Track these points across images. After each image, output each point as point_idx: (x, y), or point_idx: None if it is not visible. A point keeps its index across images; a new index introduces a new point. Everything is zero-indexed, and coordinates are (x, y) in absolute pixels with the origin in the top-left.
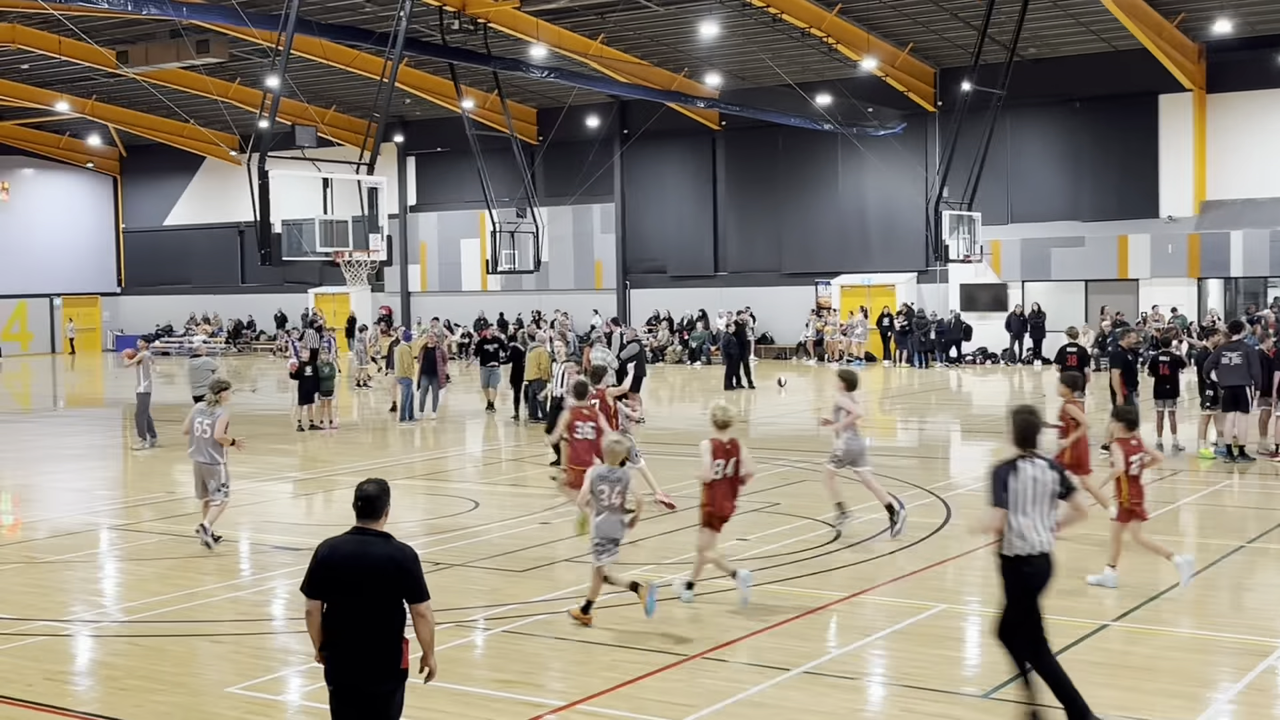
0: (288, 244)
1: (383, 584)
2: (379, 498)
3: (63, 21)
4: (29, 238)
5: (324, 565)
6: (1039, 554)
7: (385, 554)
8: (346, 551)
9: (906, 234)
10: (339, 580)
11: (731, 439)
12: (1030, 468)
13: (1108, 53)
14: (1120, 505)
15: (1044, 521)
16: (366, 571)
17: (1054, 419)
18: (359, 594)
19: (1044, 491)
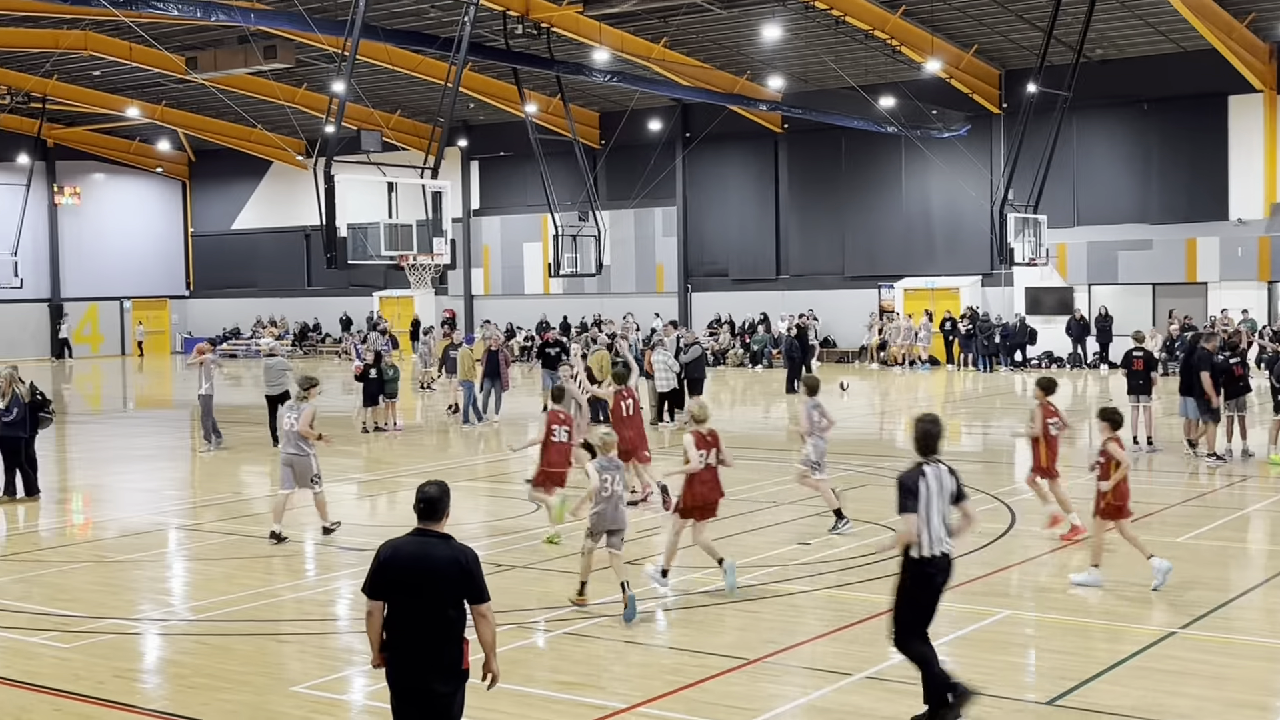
0: (353, 247)
1: (444, 585)
2: (440, 499)
3: (134, 29)
4: (100, 241)
5: (386, 567)
6: (940, 555)
7: (447, 555)
8: (408, 553)
9: (971, 237)
10: (401, 581)
11: (711, 430)
12: (933, 472)
13: (1176, 53)
14: (1107, 503)
15: (944, 524)
16: (428, 573)
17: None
18: (421, 595)
19: (946, 497)
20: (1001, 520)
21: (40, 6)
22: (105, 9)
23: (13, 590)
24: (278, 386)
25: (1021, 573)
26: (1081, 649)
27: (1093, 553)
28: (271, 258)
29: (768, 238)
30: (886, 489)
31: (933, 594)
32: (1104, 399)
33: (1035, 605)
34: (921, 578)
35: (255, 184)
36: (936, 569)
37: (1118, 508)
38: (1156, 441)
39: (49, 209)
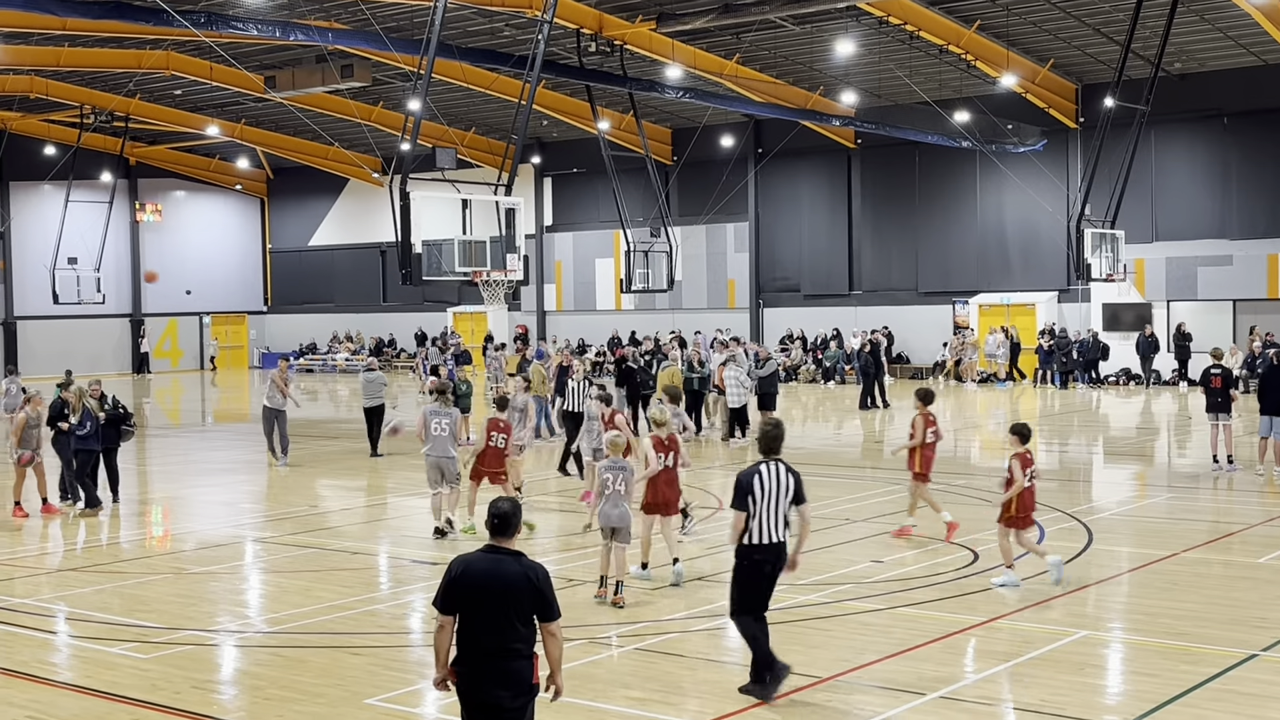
0: (428, 264)
1: (516, 601)
2: (512, 515)
3: (214, 49)
4: (180, 257)
5: (458, 582)
6: (768, 544)
7: (518, 572)
8: (480, 569)
9: (1047, 252)
10: (473, 597)
11: (670, 435)
12: (770, 470)
13: (1257, 67)
14: (1013, 515)
15: (778, 518)
16: (501, 589)
17: None
18: (493, 611)
19: (781, 492)
20: (1078, 539)
21: (123, 28)
22: (187, 29)
23: (93, 601)
24: (376, 399)
25: (1099, 592)
26: (1161, 670)
27: (1003, 555)
28: (348, 274)
29: (840, 253)
30: (960, 506)
31: (761, 578)
32: (1182, 417)
33: (1113, 626)
34: (751, 564)
35: (332, 201)
36: (762, 556)
37: (1021, 518)
38: (1237, 460)
39: (131, 226)
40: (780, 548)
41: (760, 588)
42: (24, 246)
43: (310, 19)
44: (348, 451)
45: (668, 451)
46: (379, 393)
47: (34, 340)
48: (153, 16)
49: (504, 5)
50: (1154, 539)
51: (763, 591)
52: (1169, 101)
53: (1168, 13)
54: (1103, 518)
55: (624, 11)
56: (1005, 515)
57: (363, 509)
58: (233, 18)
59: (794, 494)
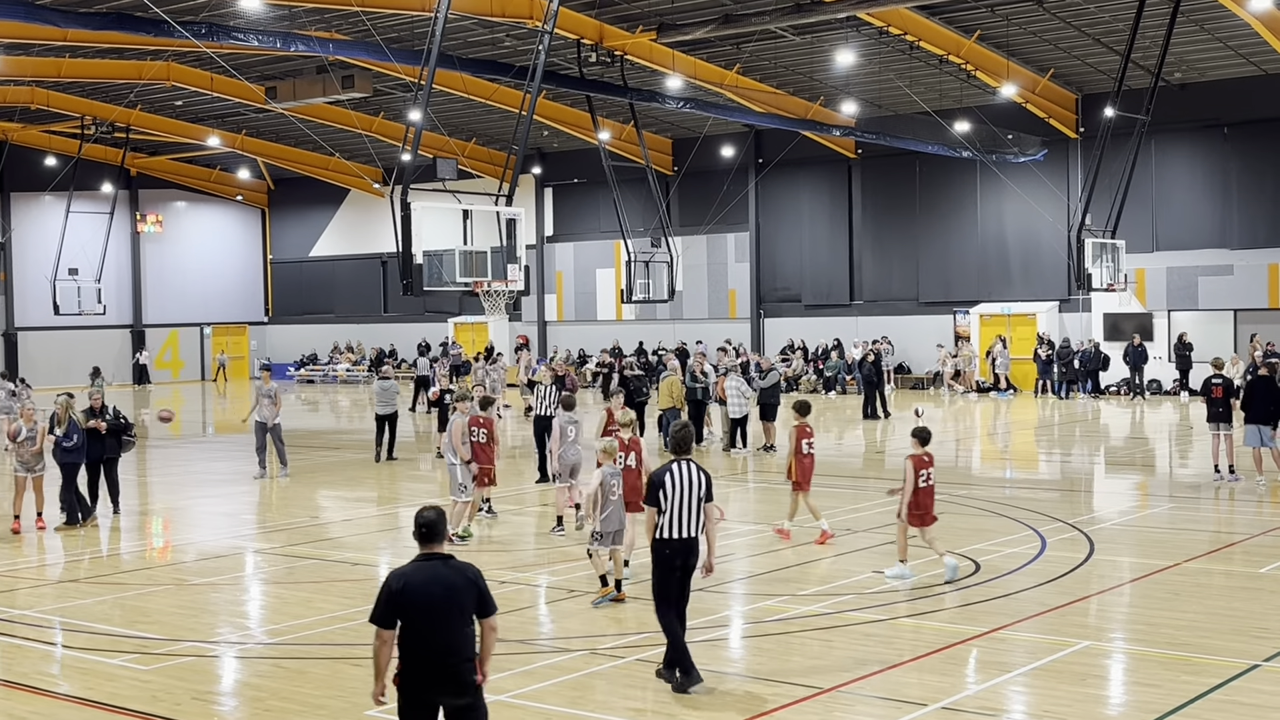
0: (429, 274)
1: (460, 604)
2: (438, 523)
3: (215, 59)
4: (181, 268)
5: (401, 595)
6: (679, 538)
7: (458, 574)
8: (423, 578)
9: (1048, 262)
10: (419, 606)
11: (633, 437)
12: (681, 469)
13: (1257, 76)
14: (908, 510)
15: (691, 513)
16: (444, 595)
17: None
18: (440, 616)
19: (693, 489)
20: (1080, 549)
21: (124, 39)
22: (188, 40)
23: (94, 612)
24: (389, 407)
25: (1101, 603)
26: (1163, 681)
27: (899, 550)
28: (349, 284)
29: (841, 263)
30: (962, 517)
31: (673, 571)
32: (1184, 427)
33: (1115, 636)
34: (662, 557)
35: (333, 212)
36: (673, 550)
37: (919, 515)
38: (1238, 470)
39: (131, 236)
40: (692, 543)
41: (672, 581)
42: (25, 257)
43: (311, 30)
44: (349, 462)
45: (629, 452)
46: (392, 400)
47: (34, 351)
48: (154, 27)
49: (504, 16)
50: (1156, 549)
51: (676, 585)
52: (1169, 111)
53: (1167, 23)
54: (1104, 528)
55: (624, 22)
56: (900, 511)
57: (363, 520)
58: (234, 29)
59: (705, 492)
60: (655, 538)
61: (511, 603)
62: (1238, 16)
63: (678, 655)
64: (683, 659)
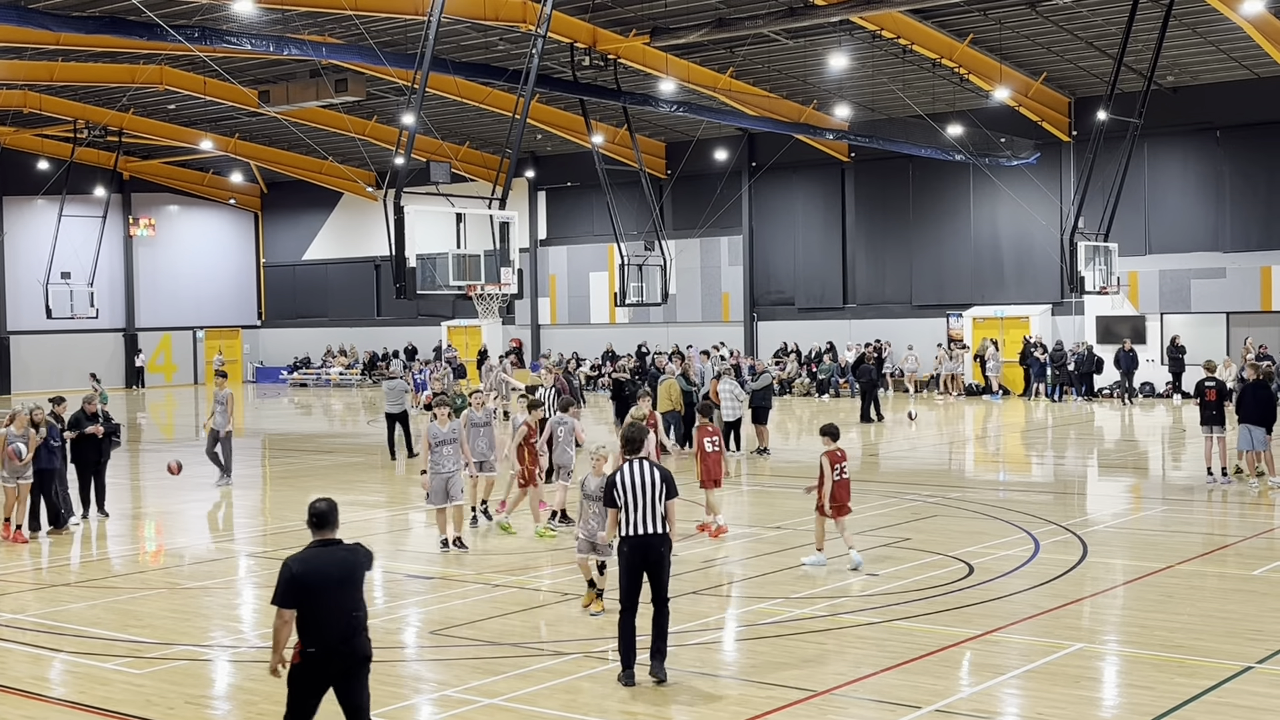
0: (422, 277)
1: (355, 583)
2: (330, 512)
3: (208, 63)
4: (174, 272)
5: (302, 578)
6: (638, 535)
7: (352, 556)
8: (321, 562)
9: (1041, 265)
10: (319, 587)
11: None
12: (635, 468)
13: (1249, 80)
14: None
15: (650, 511)
16: (341, 575)
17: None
18: (339, 595)
19: (647, 487)
20: (1074, 552)
21: (117, 42)
22: (181, 44)
23: (87, 616)
24: (398, 405)
25: (1094, 605)
26: (1156, 683)
27: (816, 538)
28: (342, 288)
29: (834, 266)
30: (955, 520)
31: (633, 568)
32: (1177, 429)
33: (1108, 638)
34: (622, 554)
35: (326, 215)
36: (631, 547)
37: (836, 507)
38: (1231, 473)
39: (124, 240)
40: (646, 539)
41: (634, 578)
42: (17, 261)
43: (304, 34)
44: (342, 465)
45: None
46: (401, 400)
47: (27, 355)
48: (146, 31)
49: (498, 20)
50: (1149, 551)
51: (638, 580)
52: (1162, 115)
53: (1160, 26)
54: (1097, 530)
55: (618, 26)
56: (818, 505)
57: (356, 524)
58: (226, 32)
59: (665, 489)
60: (620, 535)
61: (505, 606)
62: (1230, 20)
63: (625, 649)
64: (627, 653)
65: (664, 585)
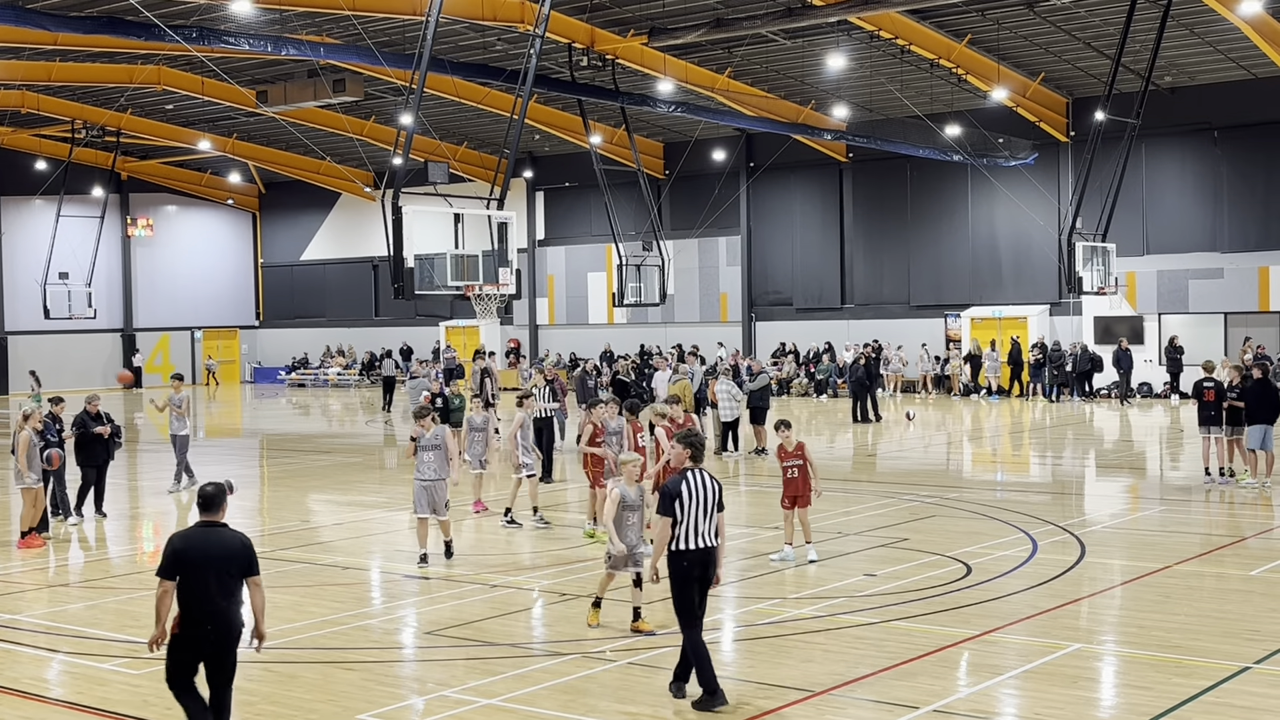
0: (420, 278)
1: (231, 562)
2: (217, 495)
3: (206, 63)
4: (172, 272)
5: (182, 553)
6: (699, 548)
7: (232, 538)
8: (201, 540)
9: (1039, 265)
10: (197, 563)
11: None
12: (695, 478)
13: (1247, 80)
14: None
15: (708, 523)
16: (220, 554)
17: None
18: (215, 572)
19: (709, 498)
20: (1072, 552)
21: (114, 42)
22: (178, 44)
23: (84, 616)
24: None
25: (1092, 605)
26: (1154, 683)
27: (785, 532)
28: (340, 288)
29: (832, 267)
30: (953, 520)
31: (690, 583)
32: (1175, 429)
33: (1106, 639)
34: (679, 570)
35: (324, 215)
36: (691, 561)
37: (792, 499)
38: (1217, 472)
39: (122, 240)
40: (709, 553)
41: (691, 593)
42: (15, 261)
43: (302, 34)
44: (340, 466)
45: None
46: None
47: (25, 355)
48: (144, 31)
49: (496, 20)
50: (1147, 552)
51: (694, 597)
52: (1159, 115)
53: (1158, 27)
54: (1095, 530)
55: (616, 26)
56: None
57: (354, 524)
58: (224, 32)
59: (718, 501)
60: (672, 548)
61: (503, 606)
62: (1228, 21)
63: (702, 670)
64: (709, 674)
65: (704, 603)
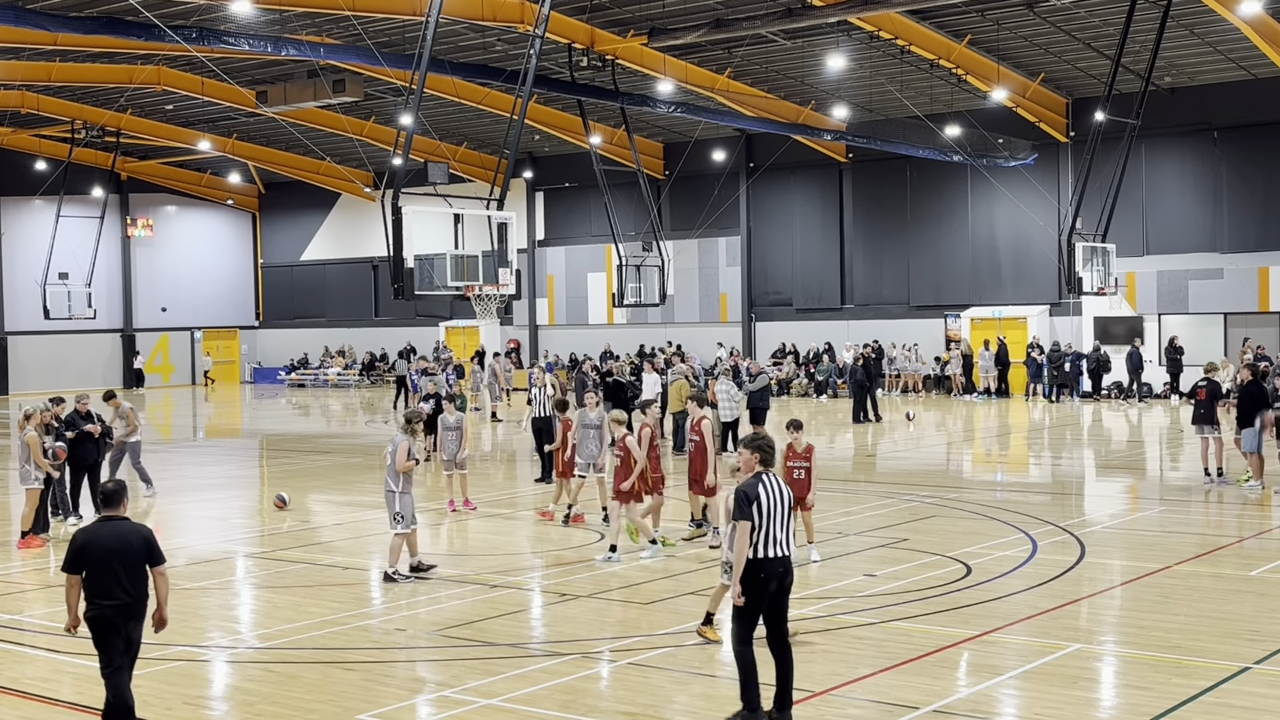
0: (420, 278)
1: (135, 554)
2: (118, 492)
3: (206, 63)
4: (172, 272)
5: (87, 548)
6: (778, 556)
7: (134, 532)
8: (105, 534)
9: (1038, 266)
10: (102, 557)
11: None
12: (771, 481)
13: (1247, 80)
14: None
15: (786, 529)
16: (121, 547)
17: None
18: (119, 564)
19: (784, 503)
20: (1071, 552)
21: (114, 43)
22: (178, 45)
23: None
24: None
25: (1092, 606)
26: (1154, 684)
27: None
28: (340, 288)
29: (832, 267)
30: (953, 520)
31: (763, 595)
32: (1174, 429)
33: (1106, 639)
34: (753, 579)
35: (324, 216)
36: (768, 572)
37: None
38: (1227, 474)
39: (122, 240)
40: (788, 561)
41: (758, 606)
42: (14, 262)
43: (302, 34)
44: (340, 466)
45: None
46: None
47: (25, 356)
48: (144, 31)
49: (496, 20)
50: (1146, 552)
51: (760, 609)
52: (1159, 115)
53: (1158, 27)
54: (1095, 531)
55: (616, 26)
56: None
57: (354, 524)
58: (224, 33)
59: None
60: (749, 556)
61: (503, 606)
62: (1227, 21)
63: (746, 687)
64: (750, 693)
65: (784, 614)
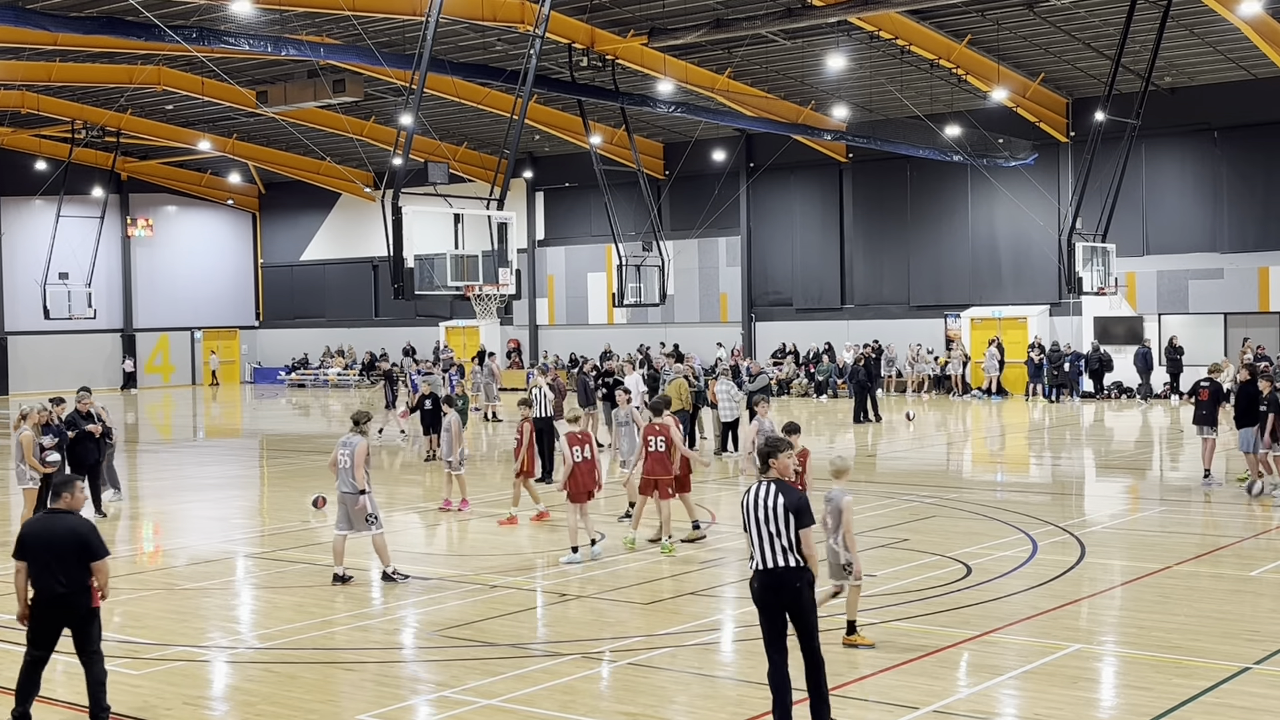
0: (420, 278)
1: (71, 547)
2: (61, 485)
3: (206, 63)
4: (172, 272)
5: (30, 536)
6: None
7: (75, 525)
8: (41, 527)
9: (1038, 266)
10: (39, 548)
11: (583, 431)
12: (758, 490)
13: (1247, 81)
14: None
15: (772, 542)
16: (63, 538)
17: None
18: (56, 555)
19: (771, 513)
20: (1071, 553)
21: (114, 43)
22: (178, 45)
23: None
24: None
25: (1092, 606)
26: (1154, 684)
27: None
28: (340, 288)
29: (832, 267)
30: (953, 520)
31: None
32: (1174, 430)
33: (1106, 639)
34: (753, 590)
35: (324, 216)
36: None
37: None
38: (1216, 475)
39: (122, 241)
40: (777, 574)
41: (761, 618)
42: (15, 262)
43: (302, 34)
44: None
45: (582, 445)
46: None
47: (25, 356)
48: (144, 31)
49: (496, 20)
50: (1146, 552)
51: (763, 622)
52: (1159, 115)
53: (1158, 27)
54: (1095, 531)
55: (616, 26)
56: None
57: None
58: (224, 33)
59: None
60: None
61: (503, 607)
62: (1228, 21)
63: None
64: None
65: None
